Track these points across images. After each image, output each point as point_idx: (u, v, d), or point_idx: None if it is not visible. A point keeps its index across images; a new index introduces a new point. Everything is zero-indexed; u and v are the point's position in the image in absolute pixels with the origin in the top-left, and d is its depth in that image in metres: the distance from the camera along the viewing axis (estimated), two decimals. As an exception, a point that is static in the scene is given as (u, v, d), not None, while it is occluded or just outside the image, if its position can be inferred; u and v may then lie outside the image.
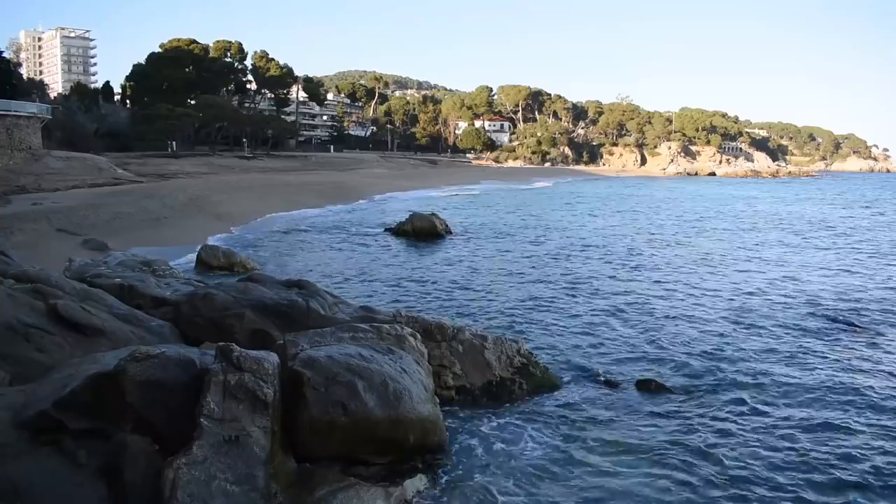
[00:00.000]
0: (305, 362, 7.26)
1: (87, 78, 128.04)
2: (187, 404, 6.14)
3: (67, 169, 43.02)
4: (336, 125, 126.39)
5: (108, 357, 7.00)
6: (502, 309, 16.74)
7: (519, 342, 11.50)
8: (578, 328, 14.93)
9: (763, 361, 12.66)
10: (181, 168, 56.71)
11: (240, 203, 37.57)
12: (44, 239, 22.04)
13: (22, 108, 44.74)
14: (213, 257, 20.35)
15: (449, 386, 9.94)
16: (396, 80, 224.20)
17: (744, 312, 16.73)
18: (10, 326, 8.17)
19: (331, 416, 6.95)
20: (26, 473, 5.64)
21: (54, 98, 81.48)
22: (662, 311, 16.71)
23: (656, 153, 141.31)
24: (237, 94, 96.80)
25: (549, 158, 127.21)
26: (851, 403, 10.56)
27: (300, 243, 27.85)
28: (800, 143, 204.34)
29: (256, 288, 11.34)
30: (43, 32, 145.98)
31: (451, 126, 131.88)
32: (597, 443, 8.97)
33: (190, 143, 76.49)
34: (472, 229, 34.27)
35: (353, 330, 8.71)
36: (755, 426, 9.67)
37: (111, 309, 9.86)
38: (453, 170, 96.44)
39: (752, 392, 11.00)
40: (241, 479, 5.79)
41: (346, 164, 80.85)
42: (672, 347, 13.53)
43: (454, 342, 10.55)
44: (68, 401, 6.24)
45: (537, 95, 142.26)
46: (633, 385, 11.10)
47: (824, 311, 16.80)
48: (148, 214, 30.03)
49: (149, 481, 5.60)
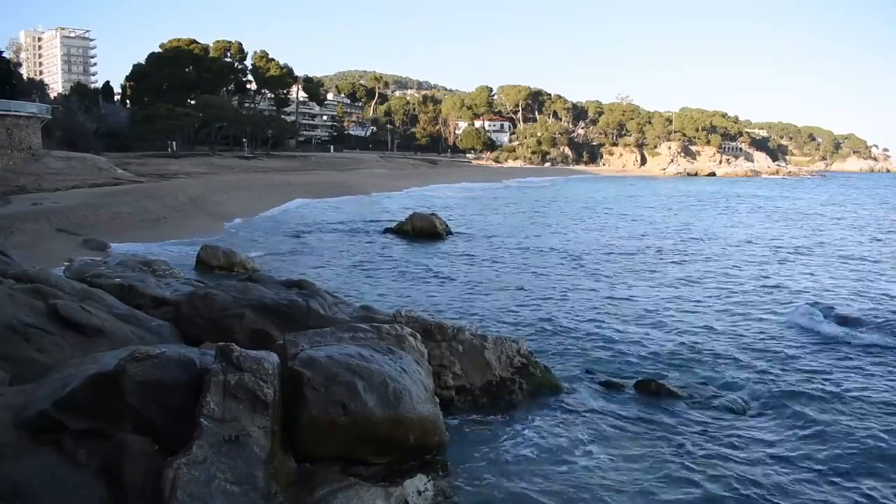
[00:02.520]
0: (305, 362, 7.25)
1: (87, 78, 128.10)
2: (187, 404, 6.14)
3: (67, 169, 43.04)
4: (336, 125, 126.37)
5: (108, 357, 6.99)
6: (502, 309, 16.74)
7: (519, 342, 11.48)
8: (579, 328, 14.90)
9: (765, 362, 12.64)
10: (181, 168, 56.74)
11: (240, 203, 37.58)
12: (44, 239, 22.05)
13: (22, 108, 44.76)
14: (212, 257, 20.33)
15: (449, 386, 9.93)
16: (396, 80, 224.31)
17: (748, 313, 16.70)
18: (10, 326, 8.17)
19: (331, 416, 6.94)
20: (26, 473, 5.63)
21: (54, 98, 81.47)
22: (664, 312, 16.68)
23: (656, 153, 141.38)
24: (237, 94, 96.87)
25: (549, 158, 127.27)
26: (859, 407, 10.40)
27: (300, 242, 27.85)
28: (800, 143, 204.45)
29: (256, 288, 11.34)
30: (43, 32, 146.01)
31: (451, 126, 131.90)
32: (597, 444, 8.97)
33: (190, 143, 76.53)
34: (472, 229, 34.26)
35: (353, 330, 8.69)
36: (756, 427, 9.66)
37: (111, 309, 9.86)
38: (453, 170, 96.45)
39: (754, 393, 10.98)
40: (241, 479, 5.79)
41: (346, 164, 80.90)
42: (673, 349, 13.50)
43: (454, 342, 10.54)
44: (68, 401, 6.24)
45: (537, 95, 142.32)
46: (633, 386, 11.07)
47: (835, 314, 16.19)
48: (148, 214, 30.06)
49: (149, 481, 5.60)
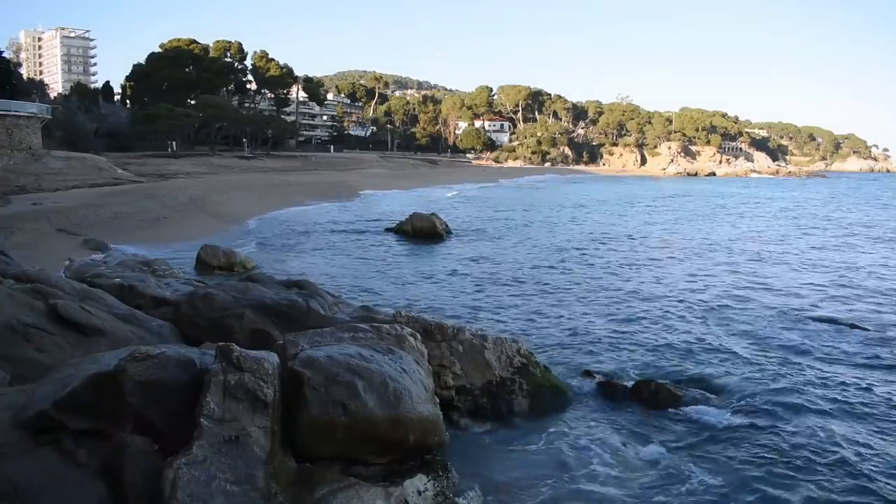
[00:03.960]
0: (305, 362, 7.25)
1: (87, 78, 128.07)
2: (187, 404, 6.13)
3: (67, 169, 43.01)
4: (336, 125, 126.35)
5: (108, 357, 6.99)
6: (502, 308, 16.75)
7: (519, 342, 11.48)
8: (579, 328, 14.91)
9: (765, 362, 12.63)
10: (181, 168, 56.72)
11: (240, 203, 37.58)
12: (44, 239, 22.03)
13: (22, 108, 44.72)
14: (212, 257, 20.33)
15: (449, 386, 9.93)
16: (396, 80, 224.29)
17: (748, 314, 16.69)
18: (10, 326, 8.17)
19: (331, 416, 6.93)
20: (26, 473, 5.63)
21: (54, 98, 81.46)
22: (664, 312, 16.68)
23: (656, 153, 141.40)
24: (237, 94, 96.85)
25: (549, 158, 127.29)
26: (862, 409, 10.34)
27: (300, 243, 27.85)
28: (800, 143, 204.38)
29: (256, 288, 11.34)
30: (43, 32, 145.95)
31: (451, 126, 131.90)
32: (596, 444, 8.97)
33: (190, 143, 76.52)
34: (472, 229, 34.27)
35: (352, 330, 8.69)
36: (757, 427, 9.65)
37: (111, 309, 9.86)
38: (453, 170, 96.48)
39: (754, 393, 10.96)
40: (241, 479, 5.79)
41: (346, 164, 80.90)
42: (673, 349, 13.51)
43: (454, 342, 10.54)
44: (68, 401, 6.24)
45: (537, 95, 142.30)
46: (632, 386, 11.08)
47: (841, 314, 16.13)
48: (148, 214, 30.05)
49: (149, 481, 5.59)
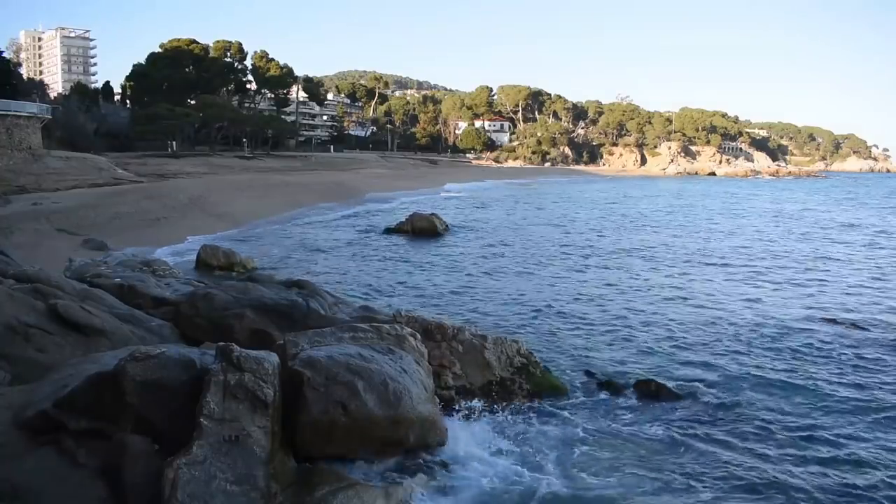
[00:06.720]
0: (305, 362, 7.26)
1: (87, 78, 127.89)
2: (187, 404, 6.14)
3: (67, 169, 43.00)
4: (336, 125, 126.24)
5: (108, 357, 7.00)
6: (502, 308, 16.75)
7: (519, 342, 11.50)
8: (579, 328, 14.92)
9: (765, 362, 12.64)
10: (181, 168, 56.69)
11: (240, 203, 37.56)
12: (44, 239, 22.05)
13: (22, 108, 44.68)
14: (213, 257, 20.33)
15: (449, 386, 9.93)
16: (396, 80, 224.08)
17: (749, 314, 16.69)
18: (10, 326, 8.18)
19: (331, 416, 6.95)
20: (26, 473, 5.64)
21: (54, 98, 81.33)
22: (665, 312, 16.68)
23: (656, 153, 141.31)
24: (237, 94, 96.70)
25: (549, 158, 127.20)
26: (861, 410, 10.33)
27: (300, 243, 27.85)
28: (800, 143, 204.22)
29: (256, 288, 11.35)
30: (43, 32, 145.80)
31: (451, 126, 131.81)
32: (596, 443, 8.98)
33: (190, 143, 76.43)
34: (471, 229, 34.27)
35: (353, 330, 8.71)
36: (757, 427, 9.66)
37: (111, 309, 9.86)
38: (453, 170, 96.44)
39: (754, 393, 10.98)
40: (241, 479, 5.79)
41: (346, 164, 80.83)
42: (673, 348, 13.51)
43: (454, 342, 10.56)
44: (68, 401, 6.25)
45: (537, 95, 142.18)
46: (632, 386, 11.08)
47: (839, 317, 16.03)
48: (148, 214, 30.05)
49: (149, 481, 5.60)
